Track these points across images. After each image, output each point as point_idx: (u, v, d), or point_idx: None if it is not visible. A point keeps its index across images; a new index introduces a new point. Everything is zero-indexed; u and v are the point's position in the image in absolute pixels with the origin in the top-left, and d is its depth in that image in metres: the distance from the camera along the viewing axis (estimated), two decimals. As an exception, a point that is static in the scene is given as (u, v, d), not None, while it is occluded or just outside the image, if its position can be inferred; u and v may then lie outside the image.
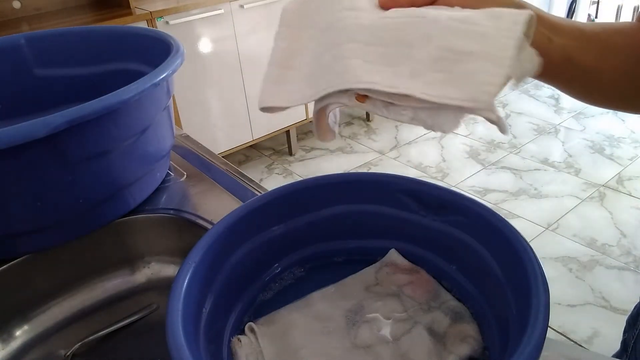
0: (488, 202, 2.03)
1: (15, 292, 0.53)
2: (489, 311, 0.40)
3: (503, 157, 2.36)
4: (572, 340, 1.45)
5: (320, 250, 0.49)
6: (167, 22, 1.85)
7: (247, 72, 2.14)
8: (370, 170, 2.34)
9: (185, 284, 0.36)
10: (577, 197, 2.05)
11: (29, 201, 0.47)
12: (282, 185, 0.46)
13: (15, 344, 0.52)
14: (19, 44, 0.68)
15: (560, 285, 1.62)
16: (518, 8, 0.29)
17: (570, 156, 2.34)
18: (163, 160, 0.63)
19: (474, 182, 2.20)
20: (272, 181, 2.33)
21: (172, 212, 0.59)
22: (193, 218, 0.58)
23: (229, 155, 2.33)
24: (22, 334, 0.53)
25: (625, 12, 3.13)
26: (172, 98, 0.60)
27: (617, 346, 0.62)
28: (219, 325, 0.41)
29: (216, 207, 0.59)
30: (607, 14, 3.24)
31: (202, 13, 1.91)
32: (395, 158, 2.43)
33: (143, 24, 1.81)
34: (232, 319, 0.43)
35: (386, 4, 0.33)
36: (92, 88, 0.61)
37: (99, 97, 0.45)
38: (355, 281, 0.46)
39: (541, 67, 0.30)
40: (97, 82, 0.69)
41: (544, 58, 0.30)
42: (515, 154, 2.39)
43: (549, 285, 0.33)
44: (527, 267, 0.35)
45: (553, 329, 1.48)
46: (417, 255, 0.47)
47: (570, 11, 3.35)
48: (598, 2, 3.28)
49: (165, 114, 0.59)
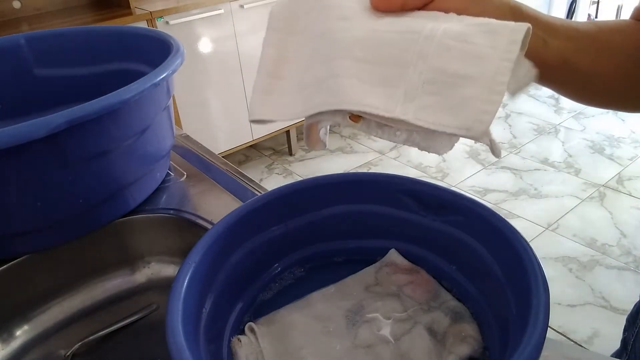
0: (488, 202, 2.03)
1: (15, 292, 0.53)
2: (489, 311, 0.40)
3: (503, 157, 2.36)
4: (572, 340, 1.45)
5: (320, 250, 0.49)
6: (167, 22, 1.85)
7: (247, 72, 2.14)
8: (370, 170, 2.34)
9: (185, 284, 0.36)
10: (577, 197, 2.05)
11: (28, 201, 0.47)
12: (282, 185, 0.46)
13: (15, 343, 0.52)
14: (19, 44, 0.68)
15: (560, 285, 1.62)
16: (514, 12, 0.29)
17: (570, 156, 2.34)
18: (163, 160, 0.63)
19: (474, 182, 2.20)
20: (272, 181, 2.33)
21: (172, 212, 0.59)
22: (193, 218, 0.58)
23: (229, 155, 2.33)
24: (22, 333, 0.53)
25: (625, 12, 3.13)
26: (172, 98, 0.60)
27: (617, 346, 0.62)
28: (219, 325, 0.41)
29: (216, 207, 0.59)
30: (607, 14, 3.24)
31: (202, 13, 1.92)
32: (395, 158, 2.43)
33: (143, 24, 1.81)
34: (232, 319, 0.43)
35: (379, 6, 0.32)
36: (92, 88, 0.61)
37: (99, 97, 0.45)
38: (355, 281, 0.46)
39: (537, 72, 0.30)
40: (97, 82, 0.69)
41: (540, 61, 0.30)
42: (515, 154, 2.39)
43: (549, 285, 0.33)
44: (527, 267, 0.35)
45: (553, 329, 1.48)
46: (417, 255, 0.47)
47: (570, 11, 3.35)
48: (598, 2, 3.28)
49: (165, 114, 0.59)
